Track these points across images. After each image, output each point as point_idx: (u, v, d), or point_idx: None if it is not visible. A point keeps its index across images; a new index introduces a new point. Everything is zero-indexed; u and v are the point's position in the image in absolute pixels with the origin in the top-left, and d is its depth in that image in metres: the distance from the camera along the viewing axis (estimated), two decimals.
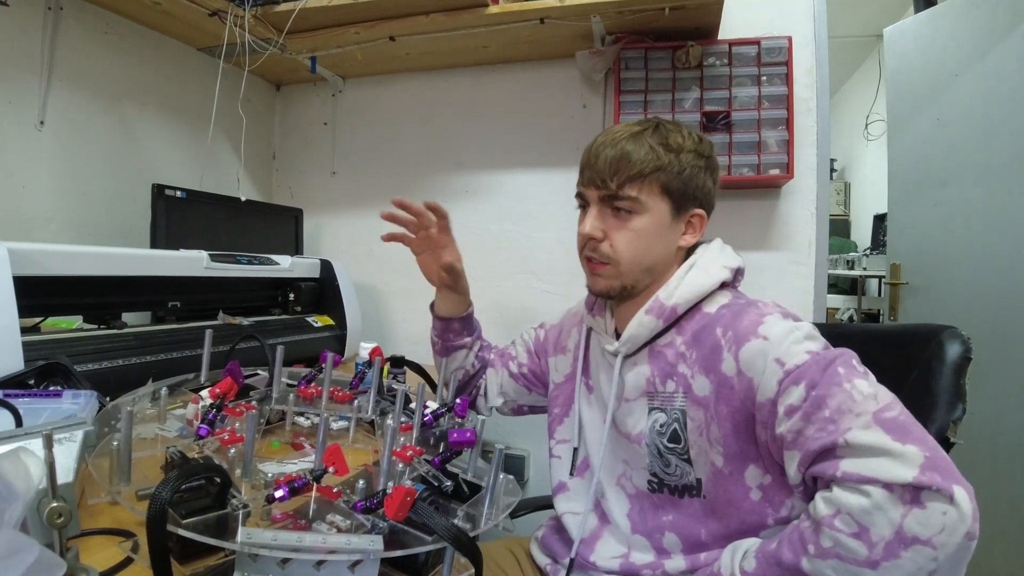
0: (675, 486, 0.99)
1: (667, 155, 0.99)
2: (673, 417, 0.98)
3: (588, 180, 1.03)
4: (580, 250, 1.07)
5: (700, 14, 1.80)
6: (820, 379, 0.80)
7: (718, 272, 1.02)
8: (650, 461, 1.01)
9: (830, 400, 0.78)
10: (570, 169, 2.18)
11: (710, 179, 1.05)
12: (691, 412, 0.96)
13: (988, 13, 2.43)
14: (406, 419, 1.09)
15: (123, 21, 1.91)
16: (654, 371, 1.01)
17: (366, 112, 2.53)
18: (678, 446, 0.97)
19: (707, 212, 1.07)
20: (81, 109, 1.81)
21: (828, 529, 0.74)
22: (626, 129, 1.02)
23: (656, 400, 1.00)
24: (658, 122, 1.04)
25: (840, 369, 0.81)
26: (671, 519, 0.99)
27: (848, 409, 0.77)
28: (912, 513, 0.69)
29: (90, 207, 1.84)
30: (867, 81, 4.86)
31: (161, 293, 1.57)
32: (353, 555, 0.65)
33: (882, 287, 4.06)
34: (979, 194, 2.45)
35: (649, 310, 1.01)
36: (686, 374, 0.97)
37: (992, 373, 2.34)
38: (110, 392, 1.10)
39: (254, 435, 0.78)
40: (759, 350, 0.87)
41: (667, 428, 0.98)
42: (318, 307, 2.06)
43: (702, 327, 0.98)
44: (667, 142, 1.00)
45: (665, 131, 1.02)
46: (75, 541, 0.69)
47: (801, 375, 0.82)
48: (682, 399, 0.97)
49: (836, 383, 0.80)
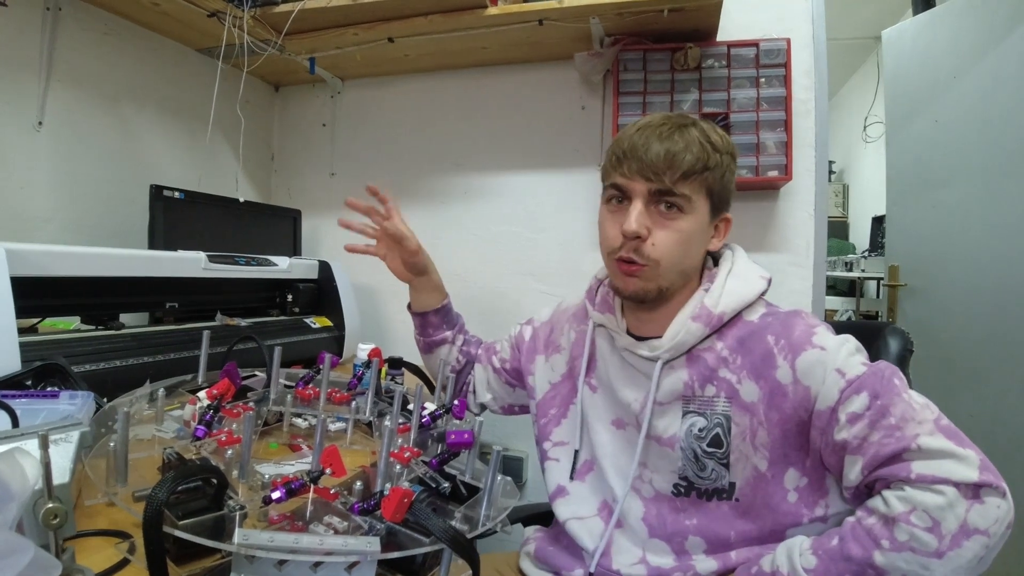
0: (704, 490, 0.98)
1: (714, 155, 0.96)
2: (715, 422, 0.96)
3: (635, 172, 0.96)
4: (611, 249, 1.01)
5: (699, 16, 1.80)
6: (881, 389, 0.85)
7: (756, 282, 1.01)
8: (683, 464, 0.98)
9: (894, 409, 0.84)
10: (569, 170, 2.21)
11: (734, 182, 1.04)
12: (736, 417, 0.95)
13: (986, 15, 2.44)
14: (404, 420, 1.09)
15: (122, 22, 1.91)
16: (693, 375, 0.98)
17: (365, 113, 2.53)
18: (719, 450, 0.95)
19: None
20: (80, 110, 1.80)
21: (904, 524, 0.78)
22: (669, 121, 0.98)
23: (693, 404, 0.98)
24: (695, 119, 1.00)
25: (896, 381, 0.87)
26: (695, 523, 0.98)
27: (911, 417, 0.83)
28: (974, 507, 0.77)
29: (88, 208, 1.84)
30: (866, 83, 4.87)
31: (159, 294, 1.56)
32: (350, 557, 0.65)
33: (880, 289, 4.06)
34: (978, 196, 2.46)
35: (696, 317, 0.98)
36: (730, 379, 0.96)
37: (991, 374, 2.35)
38: (107, 393, 1.10)
39: (251, 436, 0.78)
40: (817, 360, 0.89)
41: (707, 432, 0.96)
42: (316, 308, 2.05)
43: (748, 334, 0.97)
44: (712, 140, 0.97)
45: (705, 128, 0.99)
46: (71, 542, 0.69)
47: (862, 385, 0.86)
48: (724, 404, 0.96)
49: (896, 393, 0.85)
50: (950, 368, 2.51)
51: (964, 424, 0.83)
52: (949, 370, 2.51)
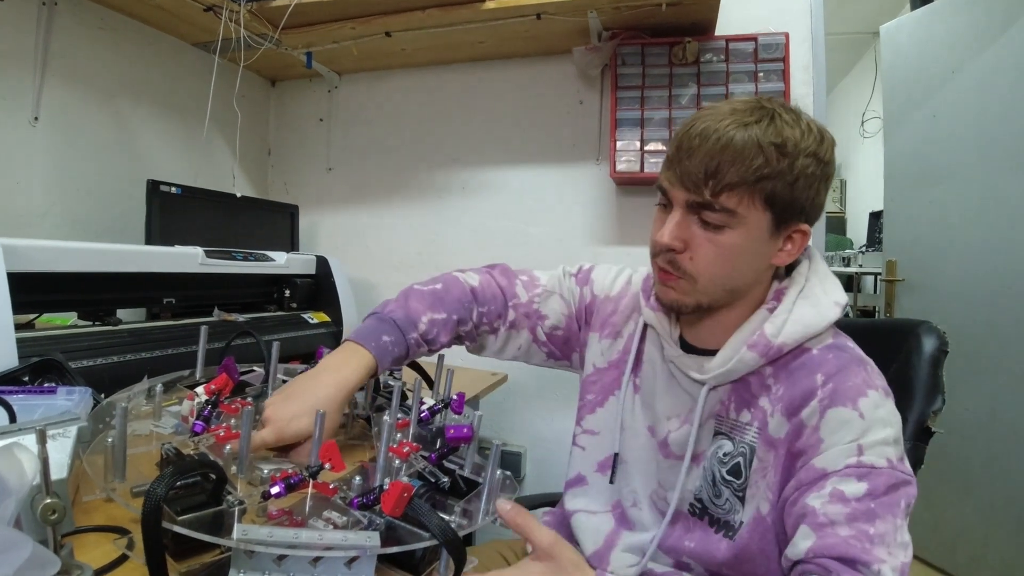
0: (716, 518, 0.91)
1: (780, 160, 0.81)
2: (739, 451, 0.90)
3: (676, 178, 0.86)
4: (653, 253, 0.92)
5: (697, 10, 1.80)
6: (883, 497, 0.76)
7: (829, 310, 0.89)
8: (701, 485, 0.93)
9: (880, 523, 0.75)
10: (566, 165, 2.21)
11: (824, 189, 0.88)
12: (760, 451, 0.87)
13: (984, 10, 2.44)
14: (402, 415, 1.08)
15: (118, 16, 1.91)
16: (732, 397, 0.92)
17: (362, 108, 2.53)
18: (736, 480, 0.89)
19: (812, 226, 0.90)
20: (76, 105, 1.80)
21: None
22: (733, 115, 0.83)
23: (724, 426, 0.92)
24: (773, 110, 0.84)
25: (902, 503, 0.77)
26: (693, 546, 0.93)
27: (889, 543, 0.74)
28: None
29: (85, 203, 1.83)
30: (863, 78, 4.87)
31: (156, 289, 1.56)
32: (350, 551, 0.65)
33: (878, 284, 4.07)
34: (975, 191, 2.45)
35: (753, 345, 0.88)
36: (766, 410, 0.88)
37: (988, 368, 2.35)
38: (105, 389, 1.10)
39: (249, 431, 0.78)
40: (847, 421, 0.80)
41: (730, 459, 0.90)
42: (314, 303, 2.05)
43: (800, 365, 0.87)
44: (783, 140, 0.81)
45: (781, 123, 0.83)
46: (69, 538, 0.69)
47: (869, 477, 0.77)
48: (755, 435, 0.88)
49: (892, 513, 0.76)
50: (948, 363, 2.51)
51: (961, 418, 0.81)
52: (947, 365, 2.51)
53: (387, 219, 2.47)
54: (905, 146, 2.80)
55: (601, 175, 2.15)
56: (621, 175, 1.94)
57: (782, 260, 0.90)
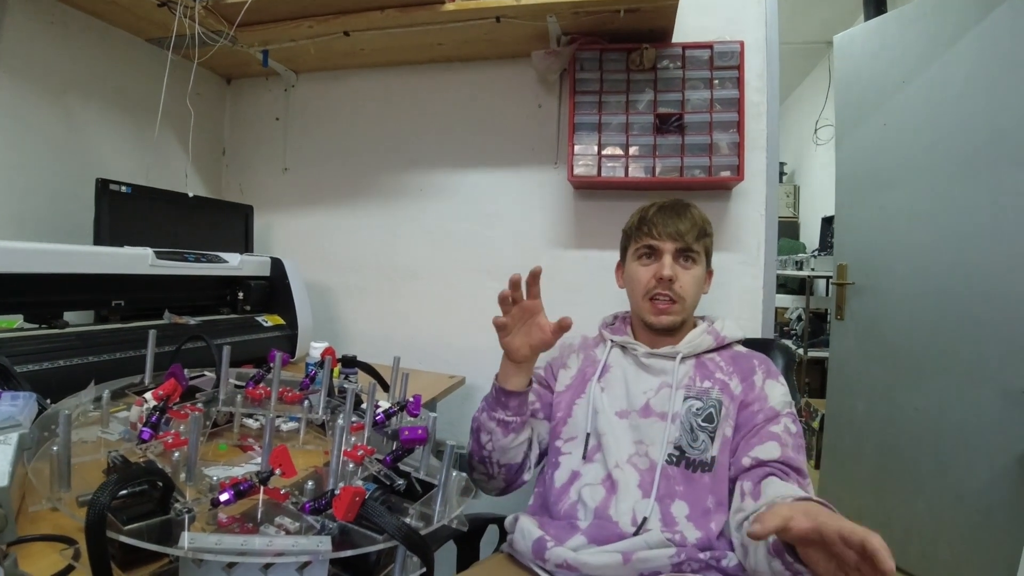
0: (693, 460, 1.24)
1: (708, 226, 1.42)
2: (710, 405, 1.27)
3: (665, 236, 1.35)
4: (646, 291, 1.37)
5: (655, 17, 1.82)
6: (800, 436, 1.24)
7: (737, 331, 1.42)
8: (679, 435, 1.26)
9: (802, 450, 1.22)
10: (524, 168, 2.22)
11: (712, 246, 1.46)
12: (725, 403, 1.28)
13: (936, 22, 2.52)
14: (357, 419, 1.08)
15: (69, 10, 1.86)
16: (696, 372, 1.33)
17: (319, 108, 2.50)
18: (710, 425, 1.26)
19: None
20: (24, 100, 1.75)
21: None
22: (676, 201, 1.41)
23: (692, 392, 1.30)
24: (688, 202, 1.42)
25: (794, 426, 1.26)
26: (682, 489, 1.22)
27: (799, 447, 1.22)
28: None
29: (32, 202, 1.78)
30: (817, 87, 4.97)
31: (105, 291, 1.53)
32: (301, 557, 0.64)
33: (829, 287, 4.16)
34: (924, 198, 2.53)
35: (709, 333, 1.38)
36: (724, 379, 1.32)
37: (935, 369, 2.42)
38: (52, 394, 1.07)
39: (198, 438, 0.77)
40: (778, 386, 1.30)
41: (703, 411, 1.27)
42: (268, 306, 2.03)
43: (739, 355, 1.37)
44: (704, 217, 1.41)
45: (697, 208, 1.42)
46: (14, 548, 0.67)
47: (796, 422, 1.27)
48: (718, 393, 1.29)
49: (798, 432, 1.25)
50: (895, 363, 2.59)
51: (910, 418, 0.86)
52: (894, 365, 2.59)
53: (344, 221, 2.45)
54: (856, 153, 2.88)
55: (559, 179, 2.17)
56: (579, 179, 1.96)
57: (706, 290, 1.45)
